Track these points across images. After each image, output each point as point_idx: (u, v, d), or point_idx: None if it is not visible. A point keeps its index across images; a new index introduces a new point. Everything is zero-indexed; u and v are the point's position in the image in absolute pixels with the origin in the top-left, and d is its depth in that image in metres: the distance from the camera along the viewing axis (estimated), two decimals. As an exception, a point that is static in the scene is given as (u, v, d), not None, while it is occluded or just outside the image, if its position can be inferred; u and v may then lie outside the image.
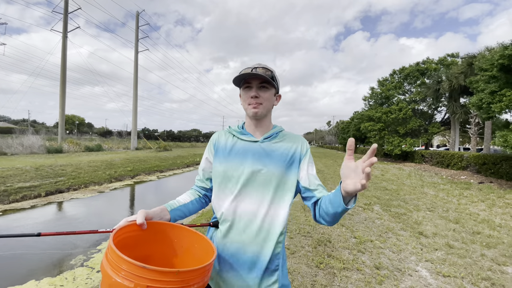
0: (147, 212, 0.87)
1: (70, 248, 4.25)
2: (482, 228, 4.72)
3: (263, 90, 1.04)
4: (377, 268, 3.07)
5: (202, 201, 1.15)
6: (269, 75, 1.03)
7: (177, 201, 1.06)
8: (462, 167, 13.77)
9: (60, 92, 20.67)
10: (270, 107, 1.09)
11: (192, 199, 1.11)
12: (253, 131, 1.10)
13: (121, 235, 0.78)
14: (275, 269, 0.98)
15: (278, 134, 1.10)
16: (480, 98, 9.74)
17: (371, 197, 7.12)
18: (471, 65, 15.69)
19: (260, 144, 1.05)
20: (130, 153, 19.93)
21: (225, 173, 1.03)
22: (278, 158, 1.03)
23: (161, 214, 0.94)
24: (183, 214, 1.05)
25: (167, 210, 0.98)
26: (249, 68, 1.03)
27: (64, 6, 20.91)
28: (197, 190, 1.16)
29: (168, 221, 0.96)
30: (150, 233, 0.85)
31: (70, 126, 68.42)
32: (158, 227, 0.87)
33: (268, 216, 0.97)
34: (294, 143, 1.07)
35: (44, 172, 9.27)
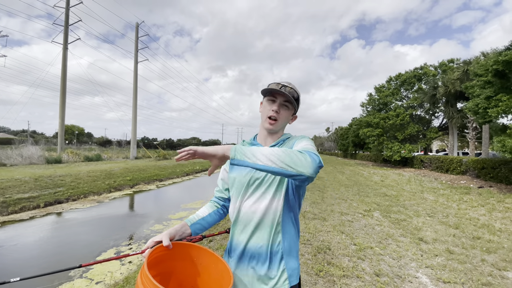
0: (170, 233, 0.99)
1: (68, 260, 4.22)
2: (482, 233, 4.71)
3: (284, 108, 1.11)
4: (377, 275, 3.06)
5: (221, 212, 1.21)
6: (295, 95, 1.10)
7: (197, 215, 1.16)
8: (461, 171, 13.78)
9: (60, 102, 20.79)
10: (285, 124, 1.16)
11: (210, 211, 1.19)
12: (264, 142, 1.16)
13: (150, 257, 0.87)
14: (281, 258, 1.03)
15: (285, 141, 1.15)
16: (476, 103, 9.85)
17: (371, 204, 7.11)
18: (466, 71, 15.89)
19: None
20: (129, 163, 19.91)
21: (235, 179, 1.10)
22: None
23: (182, 230, 1.06)
24: (203, 227, 1.14)
25: (187, 225, 1.09)
26: (279, 84, 1.09)
27: (64, 19, 21.23)
28: (216, 201, 1.23)
29: (189, 235, 1.07)
30: (174, 252, 0.95)
31: (70, 136, 68.45)
32: (180, 246, 0.96)
33: (268, 209, 1.02)
34: (292, 141, 1.11)
35: (43, 183, 9.25)
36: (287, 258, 1.03)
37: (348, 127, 43.97)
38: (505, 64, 8.61)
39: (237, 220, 1.08)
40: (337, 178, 13.49)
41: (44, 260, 4.24)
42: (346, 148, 46.54)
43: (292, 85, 1.11)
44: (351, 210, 6.39)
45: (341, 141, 49.04)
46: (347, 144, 44.06)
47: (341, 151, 52.43)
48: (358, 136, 28.44)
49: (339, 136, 53.56)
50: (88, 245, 4.89)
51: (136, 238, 5.32)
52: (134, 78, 27.16)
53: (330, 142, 72.88)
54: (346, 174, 15.81)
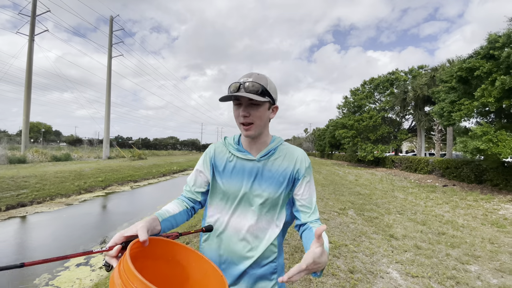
0: (146, 226, 0.78)
1: (32, 267, 3.95)
2: (446, 229, 5.04)
3: (253, 108, 0.94)
4: (351, 272, 3.17)
5: (189, 213, 1.09)
6: (259, 88, 0.91)
7: (167, 211, 0.98)
8: (428, 171, 14.64)
9: (24, 98, 19.40)
10: (265, 123, 1.00)
11: (180, 210, 1.04)
12: (249, 148, 1.04)
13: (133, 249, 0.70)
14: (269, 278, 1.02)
15: (276, 149, 1.04)
16: (442, 107, 10.52)
17: (346, 202, 7.35)
18: (433, 77, 16.93)
19: (257, 163, 1.01)
20: (101, 163, 19.01)
21: (225, 191, 1.02)
22: (276, 179, 1.00)
23: (153, 225, 0.87)
24: (171, 225, 0.98)
25: (158, 220, 0.90)
26: (238, 83, 0.93)
27: (31, 9, 19.84)
28: (185, 201, 1.09)
29: (158, 232, 0.90)
30: (149, 249, 0.77)
31: (36, 134, 64.05)
32: (156, 243, 0.78)
33: (259, 229, 1.00)
34: (293, 162, 1.02)
35: (5, 184, 8.57)
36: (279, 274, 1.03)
37: (325, 128, 45.15)
38: (468, 71, 9.28)
39: (225, 235, 1.02)
40: (314, 177, 13.71)
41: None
42: (323, 148, 47.76)
43: (253, 76, 0.94)
44: (327, 208, 6.55)
45: (318, 141, 50.27)
46: (324, 145, 45.24)
47: (318, 152, 53.73)
48: (334, 137, 29.30)
49: (316, 137, 54.84)
50: (55, 249, 4.59)
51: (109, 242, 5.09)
52: (108, 73, 25.99)
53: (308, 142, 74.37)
54: (323, 173, 16.22)
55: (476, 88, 9.11)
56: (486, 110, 10.03)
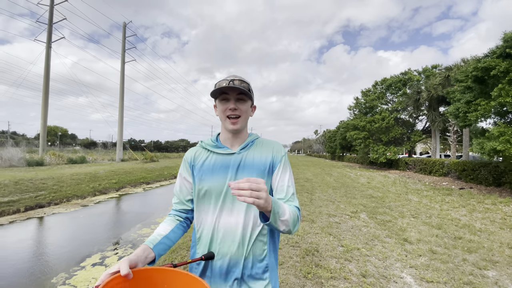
0: (130, 259, 0.78)
1: (52, 265, 4.08)
2: (463, 233, 4.89)
3: (241, 102, 1.04)
4: (363, 276, 3.12)
5: (184, 225, 1.09)
6: (246, 87, 1.03)
7: (158, 235, 0.98)
8: (443, 173, 14.25)
9: (42, 102, 20.12)
10: (247, 118, 1.10)
11: (172, 227, 1.04)
12: (231, 144, 1.09)
13: None
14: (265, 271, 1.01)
15: (253, 142, 1.10)
16: (457, 107, 10.24)
17: (358, 205, 7.24)
18: (448, 77, 16.50)
19: (237, 155, 1.05)
20: (115, 165, 19.46)
21: (208, 189, 1.02)
22: (256, 168, 1.03)
23: (144, 254, 0.87)
24: (167, 246, 0.98)
25: (149, 248, 0.90)
26: (226, 81, 1.02)
27: (48, 17, 20.62)
28: (177, 214, 1.10)
29: (153, 259, 0.90)
30: (137, 282, 0.76)
31: (52, 138, 66.24)
32: (145, 274, 0.77)
33: (246, 225, 0.99)
34: (270, 151, 1.07)
35: (24, 186, 8.91)
36: (271, 273, 1.02)
37: (336, 130, 44.71)
38: (484, 70, 9.01)
39: (213, 235, 1.01)
40: (325, 180, 13.67)
41: (28, 264, 4.07)
42: (333, 150, 47.27)
43: (239, 77, 1.05)
44: (338, 211, 6.48)
45: (329, 143, 49.77)
46: (335, 147, 44.78)
47: (329, 154, 53.19)
48: (345, 139, 28.98)
49: (327, 139, 54.32)
50: (72, 250, 4.73)
51: (123, 242, 5.20)
52: (121, 78, 26.64)
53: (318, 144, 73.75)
54: (334, 176, 16.04)
55: (492, 88, 8.83)
56: (503, 110, 9.69)
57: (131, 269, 0.74)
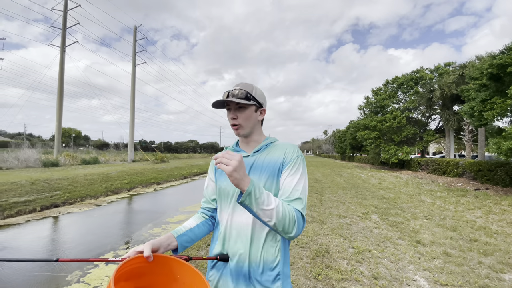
0: (153, 243, 0.89)
1: (67, 264, 4.19)
2: (479, 236, 4.75)
3: (240, 110, 1.06)
4: (375, 278, 3.07)
5: (209, 223, 1.16)
6: (243, 94, 1.04)
7: (183, 227, 1.08)
8: (458, 174, 13.87)
9: (57, 105, 20.71)
10: (253, 123, 1.10)
11: (198, 222, 1.13)
12: (245, 147, 1.15)
13: (126, 267, 0.79)
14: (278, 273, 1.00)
15: (268, 145, 1.12)
16: (472, 106, 9.95)
17: (369, 206, 7.13)
18: (462, 74, 16.07)
19: (250, 157, 1.09)
20: (127, 166, 19.83)
21: (223, 189, 1.08)
22: (266, 170, 1.04)
23: (167, 241, 0.97)
24: (190, 239, 1.07)
25: (173, 237, 1.00)
26: (227, 92, 1.07)
27: (62, 22, 21.22)
28: (204, 212, 1.19)
29: (175, 247, 1.00)
30: (156, 265, 0.86)
31: (67, 139, 68.07)
32: (163, 260, 0.87)
33: (256, 226, 1.00)
34: (282, 152, 1.07)
35: (40, 186, 9.19)
36: (284, 282, 1.01)
37: (346, 130, 44.20)
38: (500, 67, 8.73)
39: (225, 234, 1.04)
40: (335, 180, 13.53)
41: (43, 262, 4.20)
42: (343, 150, 46.75)
43: (240, 85, 1.08)
44: (349, 213, 6.40)
45: (338, 143, 49.26)
46: (345, 147, 44.27)
47: (339, 154, 52.62)
48: (356, 139, 28.60)
49: (336, 139, 53.78)
50: (85, 248, 4.85)
51: (134, 241, 5.29)
52: (132, 80, 27.13)
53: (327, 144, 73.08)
54: (344, 176, 15.85)
55: (509, 86, 8.54)
56: (521, 109, 9.36)
57: (153, 253, 0.85)
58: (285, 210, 0.87)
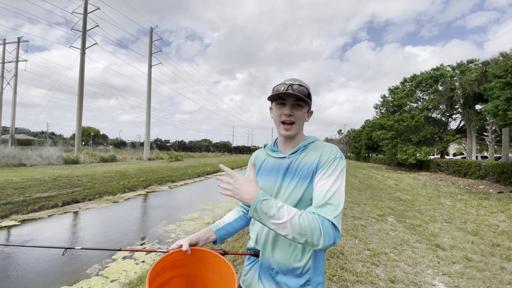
0: (191, 238, 0.99)
1: (87, 257, 4.35)
2: (502, 240, 4.54)
3: (298, 108, 1.01)
4: (391, 282, 3.00)
5: (247, 217, 1.18)
6: (305, 92, 0.99)
7: (222, 221, 1.15)
8: (480, 176, 13.30)
9: (77, 105, 21.49)
10: (303, 124, 1.07)
11: (236, 216, 1.17)
12: (283, 148, 1.09)
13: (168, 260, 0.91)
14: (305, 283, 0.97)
15: (307, 146, 1.05)
16: (496, 105, 9.51)
17: (385, 208, 6.97)
18: (485, 72, 15.37)
19: (286, 159, 1.04)
20: (143, 164, 20.32)
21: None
22: (301, 173, 0.99)
23: (206, 235, 1.06)
24: (228, 232, 1.13)
25: (212, 230, 1.08)
26: (285, 85, 0.99)
27: (82, 24, 21.98)
28: (242, 206, 1.21)
29: (214, 240, 1.08)
30: (195, 258, 0.96)
31: (86, 138, 70.57)
32: (199, 253, 0.96)
33: None
34: (319, 153, 0.99)
35: (61, 183, 9.58)
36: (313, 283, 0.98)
37: (361, 130, 43.28)
38: (527, 64, 8.28)
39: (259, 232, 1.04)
40: (349, 181, 13.30)
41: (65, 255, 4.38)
42: (358, 151, 45.83)
43: (299, 81, 1.01)
44: (364, 214, 6.28)
45: (353, 143, 48.34)
46: (360, 147, 43.39)
47: (354, 154, 51.65)
48: (371, 139, 27.97)
49: (351, 139, 52.81)
50: (104, 243, 5.02)
51: (150, 238, 5.42)
52: (148, 81, 27.75)
53: (342, 144, 71.91)
54: (359, 177, 15.56)
55: (538, 83, 8.09)
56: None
57: (191, 246, 0.95)
58: (304, 222, 0.79)
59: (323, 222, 0.81)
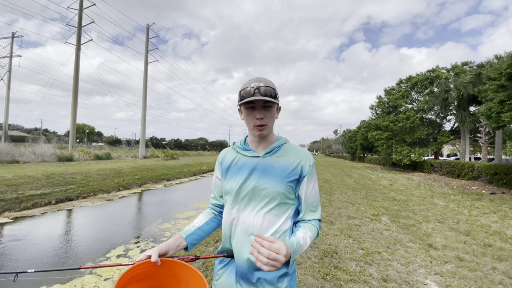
0: (160, 248, 0.94)
1: (80, 255, 4.32)
2: (493, 241, 4.61)
3: (267, 109, 1.02)
4: (384, 281, 3.03)
5: (218, 218, 1.18)
6: (272, 92, 1.00)
7: (192, 226, 1.11)
8: (473, 177, 13.48)
9: (72, 102, 21.26)
10: (274, 123, 1.09)
11: (207, 219, 1.15)
12: (255, 147, 1.10)
13: (135, 271, 0.87)
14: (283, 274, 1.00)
15: (280, 147, 1.08)
16: (489, 107, 9.64)
17: (379, 208, 7.03)
18: (479, 74, 15.56)
19: (261, 159, 1.05)
20: (138, 162, 20.19)
21: (229, 189, 1.06)
22: (278, 173, 1.02)
23: (176, 243, 1.01)
24: (200, 237, 1.09)
25: (182, 237, 1.04)
26: (252, 88, 0.98)
27: (78, 20, 21.74)
28: (213, 208, 1.20)
29: (185, 247, 1.04)
30: (164, 268, 0.92)
31: (81, 135, 69.88)
32: (169, 264, 0.92)
33: (263, 226, 0.99)
34: (297, 158, 1.05)
35: (55, 180, 9.48)
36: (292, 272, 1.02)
37: (357, 130, 43.55)
38: (520, 67, 8.41)
39: (232, 232, 1.04)
40: (344, 181, 13.38)
41: (58, 253, 4.34)
42: (354, 151, 46.12)
43: (264, 81, 1.00)
44: (358, 214, 6.33)
45: (349, 144, 48.62)
46: (355, 147, 43.65)
47: (349, 154, 51.96)
48: (367, 139, 28.14)
49: (347, 139, 53.11)
50: (98, 241, 4.98)
51: (144, 236, 5.39)
52: (144, 78, 27.55)
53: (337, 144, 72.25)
54: (354, 177, 15.66)
55: (530, 86, 8.22)
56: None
57: (161, 256, 0.92)
58: (313, 236, 0.99)
59: (318, 224, 1.05)
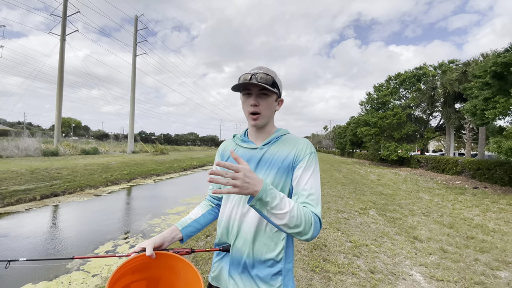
0: (155, 241, 0.92)
1: (67, 252, 4.23)
2: (476, 233, 4.78)
3: (263, 97, 0.99)
4: (371, 272, 3.11)
5: (216, 210, 1.16)
6: (270, 80, 0.97)
7: (189, 218, 1.09)
8: (457, 172, 13.91)
9: (57, 94, 20.60)
10: (271, 114, 1.05)
11: (204, 211, 1.13)
12: (255, 138, 1.08)
13: (130, 264, 0.86)
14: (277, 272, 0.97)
15: (279, 138, 1.05)
16: (474, 104, 9.91)
17: (367, 202, 7.17)
18: (465, 72, 15.96)
19: (259, 150, 1.03)
20: (126, 157, 19.85)
21: None
22: (275, 165, 0.99)
23: (172, 235, 0.99)
24: (196, 229, 1.08)
25: (178, 229, 1.02)
26: (249, 74, 0.97)
27: (63, 10, 20.95)
28: (210, 200, 1.19)
29: (180, 239, 1.02)
30: (159, 261, 0.91)
31: (67, 129, 68.01)
32: (165, 257, 0.91)
33: (259, 220, 0.97)
34: (294, 147, 1.00)
35: (40, 175, 9.21)
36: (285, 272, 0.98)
37: (346, 126, 44.10)
38: (504, 66, 8.66)
39: (229, 226, 1.01)
40: (334, 176, 13.57)
41: (45, 249, 4.24)
42: (343, 146, 46.76)
43: (264, 69, 0.99)
44: (347, 208, 6.44)
45: (338, 139, 49.25)
46: (345, 143, 44.27)
47: (339, 150, 52.66)
48: (356, 135, 28.57)
49: (336, 135, 53.75)
50: (86, 238, 4.89)
51: (134, 232, 5.33)
52: (133, 71, 26.94)
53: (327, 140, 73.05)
54: (343, 172, 15.90)
55: (513, 84, 8.49)
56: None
57: (156, 249, 0.91)
58: (300, 213, 0.82)
59: (314, 215, 0.88)
